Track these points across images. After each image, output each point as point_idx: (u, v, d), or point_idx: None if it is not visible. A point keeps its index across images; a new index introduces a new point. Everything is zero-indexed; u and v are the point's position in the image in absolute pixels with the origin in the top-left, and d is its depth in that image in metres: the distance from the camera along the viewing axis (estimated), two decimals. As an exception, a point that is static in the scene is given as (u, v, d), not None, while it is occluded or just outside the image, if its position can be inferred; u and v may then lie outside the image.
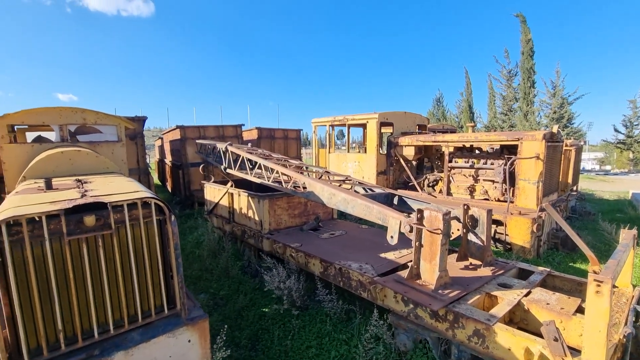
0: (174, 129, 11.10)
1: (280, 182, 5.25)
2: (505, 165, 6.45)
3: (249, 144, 7.90)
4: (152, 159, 23.35)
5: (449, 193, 7.60)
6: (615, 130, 33.73)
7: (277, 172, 5.25)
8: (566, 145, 8.81)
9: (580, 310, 2.83)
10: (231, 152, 6.71)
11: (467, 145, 7.59)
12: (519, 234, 5.74)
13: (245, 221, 5.85)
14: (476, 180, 7.35)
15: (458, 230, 3.36)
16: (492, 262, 3.74)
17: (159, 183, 17.37)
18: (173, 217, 2.43)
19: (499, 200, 6.82)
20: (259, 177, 5.85)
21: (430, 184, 8.13)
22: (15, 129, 5.81)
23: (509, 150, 7.07)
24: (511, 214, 5.85)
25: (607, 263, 2.34)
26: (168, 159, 13.52)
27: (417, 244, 3.22)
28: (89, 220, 2.11)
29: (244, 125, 11.25)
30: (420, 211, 3.19)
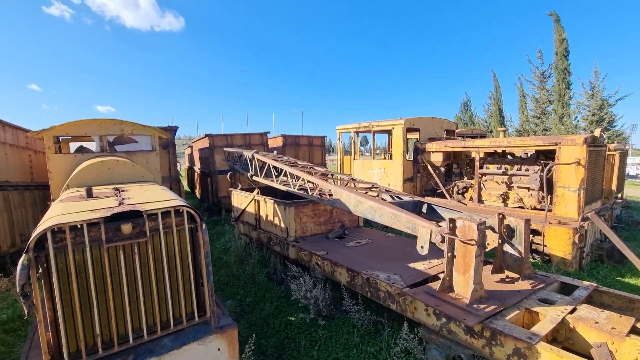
0: (203, 138, 11.48)
1: (306, 190, 5.26)
2: (542, 171, 6.11)
3: (275, 152, 8.01)
4: (182, 166, 24.28)
5: (480, 201, 7.29)
6: (664, 132, 31.13)
7: (303, 180, 5.26)
8: (609, 150, 8.23)
9: (634, 330, 2.58)
10: (257, 159, 6.83)
11: (499, 150, 7.27)
12: (559, 244, 5.38)
13: (271, 228, 5.89)
14: (509, 187, 7.00)
15: (494, 241, 3.18)
16: (530, 275, 3.52)
17: (189, 190, 17.98)
18: (204, 226, 2.48)
19: (535, 209, 6.45)
20: (285, 185, 5.90)
21: (460, 191, 7.85)
22: (60, 140, 6.24)
23: (545, 156, 6.68)
24: (549, 223, 5.49)
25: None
26: (197, 167, 13.98)
27: (449, 254, 3.08)
28: (126, 228, 2.19)
29: (269, 132, 11.45)
30: (452, 220, 3.06)
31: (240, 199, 6.99)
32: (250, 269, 5.51)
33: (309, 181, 5.20)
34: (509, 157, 7.48)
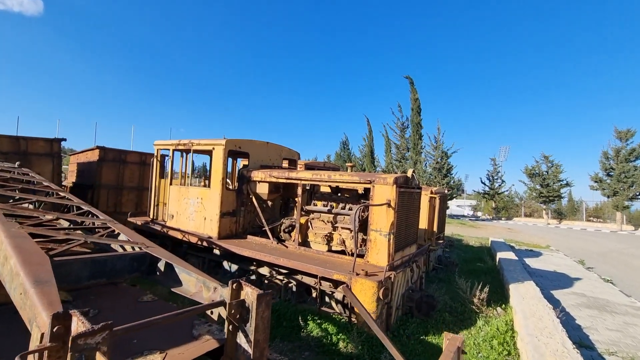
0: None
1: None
2: (358, 211, 5.40)
3: (18, 166, 5.38)
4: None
5: (304, 242, 6.25)
6: (482, 182, 39.78)
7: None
8: (431, 193, 8.60)
9: None
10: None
11: (326, 185, 6.51)
12: (365, 301, 4.50)
13: None
14: (334, 227, 6.19)
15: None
16: (264, 386, 2.18)
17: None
18: None
19: (352, 254, 5.68)
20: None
21: (287, 230, 6.70)
22: None
23: (367, 194, 6.16)
24: (357, 274, 4.63)
25: None
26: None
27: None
28: None
29: (65, 140, 8.44)
30: (63, 316, 1.46)
31: None
32: None
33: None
34: (346, 195, 6.80)
